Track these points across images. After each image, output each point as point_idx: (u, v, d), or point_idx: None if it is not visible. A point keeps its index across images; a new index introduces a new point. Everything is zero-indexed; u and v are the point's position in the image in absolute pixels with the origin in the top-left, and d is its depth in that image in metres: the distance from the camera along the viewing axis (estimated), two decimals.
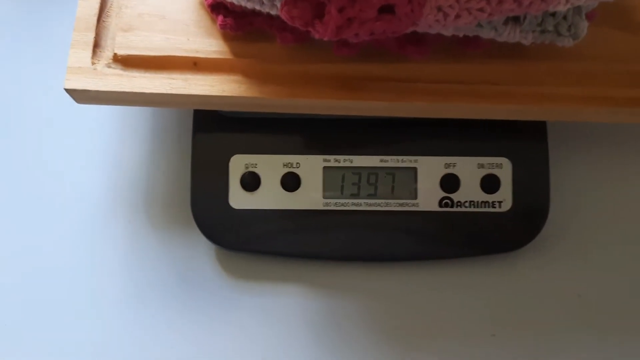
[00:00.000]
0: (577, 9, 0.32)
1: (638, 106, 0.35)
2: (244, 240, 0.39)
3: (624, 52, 0.36)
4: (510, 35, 0.32)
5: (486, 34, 0.32)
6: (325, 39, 0.27)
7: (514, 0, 0.28)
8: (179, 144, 0.42)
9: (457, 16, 0.28)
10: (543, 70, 0.35)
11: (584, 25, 0.32)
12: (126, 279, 0.40)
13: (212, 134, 0.39)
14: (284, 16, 0.27)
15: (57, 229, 0.41)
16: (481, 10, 0.28)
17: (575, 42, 0.33)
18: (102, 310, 0.40)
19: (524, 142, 0.39)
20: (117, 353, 0.39)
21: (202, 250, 0.41)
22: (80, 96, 0.35)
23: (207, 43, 0.36)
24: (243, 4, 0.31)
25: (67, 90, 0.35)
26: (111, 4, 0.37)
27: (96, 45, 0.36)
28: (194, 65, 0.35)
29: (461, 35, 0.33)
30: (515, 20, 0.32)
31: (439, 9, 0.27)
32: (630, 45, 0.36)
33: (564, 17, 0.32)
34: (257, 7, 0.31)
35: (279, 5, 0.30)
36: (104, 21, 0.36)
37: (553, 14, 0.32)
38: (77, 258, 0.40)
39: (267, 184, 0.39)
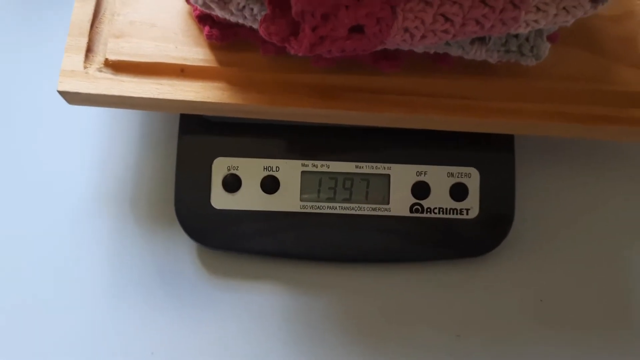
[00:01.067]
0: (539, 32, 0.34)
1: (596, 123, 0.37)
2: (224, 239, 0.40)
3: (585, 71, 0.37)
4: (476, 53, 0.34)
5: (454, 51, 0.34)
6: (300, 54, 0.29)
7: (476, 23, 0.30)
8: (165, 145, 0.43)
9: (423, 37, 0.29)
10: (509, 87, 0.37)
11: (545, 47, 0.34)
12: (111, 274, 0.41)
13: (197, 137, 0.41)
14: (262, 32, 0.29)
15: (45, 225, 0.42)
16: (445, 31, 0.30)
17: (538, 62, 0.35)
18: (88, 304, 0.41)
19: (491, 153, 0.41)
20: (99, 347, 0.40)
21: (184, 247, 0.42)
22: (72, 98, 0.37)
23: (194, 51, 0.37)
24: (227, 17, 0.33)
25: (60, 92, 0.36)
26: (104, 11, 0.38)
27: (89, 50, 0.37)
28: (181, 72, 0.37)
29: (432, 51, 0.35)
30: (481, 40, 0.33)
31: (406, 29, 0.29)
32: (591, 64, 0.38)
33: (527, 39, 0.34)
34: (241, 21, 0.33)
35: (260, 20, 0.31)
36: (97, 27, 0.38)
37: (516, 36, 0.33)
38: (63, 254, 0.41)
39: (247, 186, 0.40)
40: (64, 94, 0.36)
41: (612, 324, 0.41)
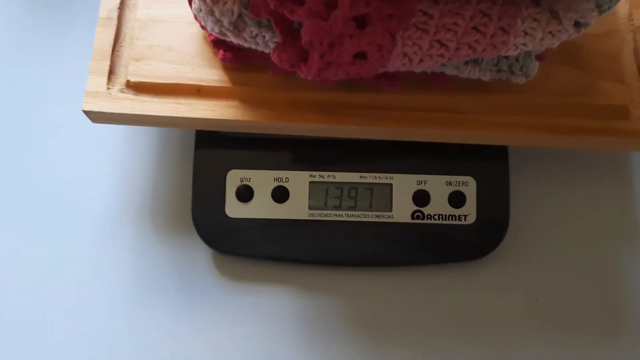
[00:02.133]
0: (527, 53, 0.36)
1: (582, 135, 0.39)
2: (238, 245, 0.42)
3: (571, 86, 0.40)
4: (470, 73, 0.36)
5: (450, 71, 0.37)
6: (309, 78, 0.32)
7: (469, 47, 0.32)
8: (181, 159, 0.45)
9: (421, 60, 0.32)
10: (501, 102, 0.39)
11: (534, 66, 0.36)
12: (132, 279, 0.43)
13: (212, 151, 0.43)
14: (274, 59, 0.32)
15: (71, 235, 0.44)
16: (441, 56, 0.32)
17: (528, 80, 0.37)
18: (113, 308, 0.43)
19: (487, 163, 0.43)
20: (123, 348, 0.42)
21: (200, 254, 0.44)
22: (96, 117, 0.39)
23: (209, 72, 0.39)
24: (241, 43, 0.35)
25: (85, 111, 0.38)
26: (124, 36, 0.40)
27: (111, 73, 0.39)
28: (197, 91, 0.39)
29: (429, 71, 0.37)
30: (475, 61, 0.36)
31: (405, 55, 0.32)
32: (577, 80, 0.40)
33: (517, 59, 0.36)
34: (253, 47, 0.35)
35: (271, 45, 0.34)
36: (118, 51, 0.40)
37: (507, 57, 0.36)
38: (88, 261, 0.43)
39: (259, 196, 0.42)
40: (88, 114, 0.39)
41: (602, 322, 0.43)
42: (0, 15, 0.50)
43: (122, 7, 0.41)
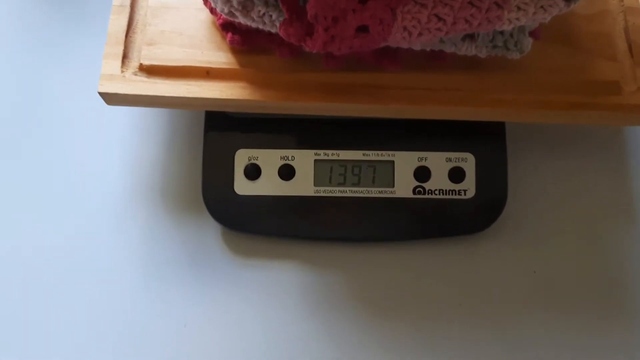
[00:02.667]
0: (521, 28, 0.38)
1: (576, 109, 0.41)
2: (246, 222, 0.44)
3: (565, 64, 0.41)
4: (467, 49, 0.38)
5: (448, 48, 0.38)
6: (314, 51, 0.33)
7: (465, 21, 0.34)
8: (192, 140, 0.46)
9: (420, 34, 0.34)
10: (497, 79, 0.41)
11: (527, 41, 0.38)
12: (146, 256, 0.45)
13: (221, 131, 0.44)
14: (281, 34, 0.33)
15: (87, 214, 0.45)
16: (439, 29, 0.34)
17: (522, 56, 0.39)
18: (128, 283, 0.44)
19: (485, 139, 0.44)
20: (139, 321, 0.43)
21: (210, 230, 0.45)
22: (111, 98, 0.41)
23: (218, 55, 0.41)
24: (249, 23, 0.37)
25: (100, 93, 0.40)
26: (137, 22, 0.42)
27: (125, 57, 0.41)
28: (207, 74, 0.40)
29: (428, 49, 0.39)
30: (471, 37, 0.38)
31: (405, 28, 0.33)
32: (570, 58, 0.42)
33: (511, 35, 0.38)
34: (260, 27, 0.37)
35: (278, 25, 0.36)
36: (131, 37, 0.42)
37: (502, 32, 0.38)
38: (103, 239, 0.45)
39: (266, 174, 0.44)
40: (103, 95, 0.40)
41: (596, 291, 0.45)
42: (14, 5, 0.51)
43: None
